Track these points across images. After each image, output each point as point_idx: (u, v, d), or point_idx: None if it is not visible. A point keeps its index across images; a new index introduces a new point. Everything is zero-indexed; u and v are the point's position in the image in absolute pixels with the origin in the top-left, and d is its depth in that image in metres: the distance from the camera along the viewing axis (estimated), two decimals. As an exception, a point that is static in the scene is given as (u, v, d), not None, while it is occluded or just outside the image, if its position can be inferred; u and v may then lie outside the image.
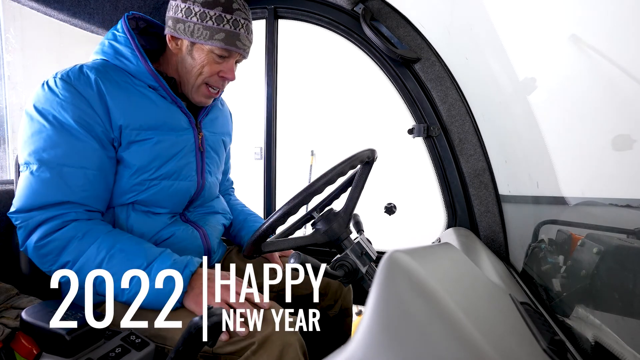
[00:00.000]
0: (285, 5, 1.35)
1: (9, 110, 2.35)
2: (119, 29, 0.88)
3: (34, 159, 0.75)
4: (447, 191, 1.20)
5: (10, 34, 2.33)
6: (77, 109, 0.77)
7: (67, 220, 0.75)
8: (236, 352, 0.68)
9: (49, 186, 0.75)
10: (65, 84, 0.78)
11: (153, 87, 0.88)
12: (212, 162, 1.02)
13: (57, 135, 0.76)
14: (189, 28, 0.87)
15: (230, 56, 0.90)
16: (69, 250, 0.73)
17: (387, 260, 0.32)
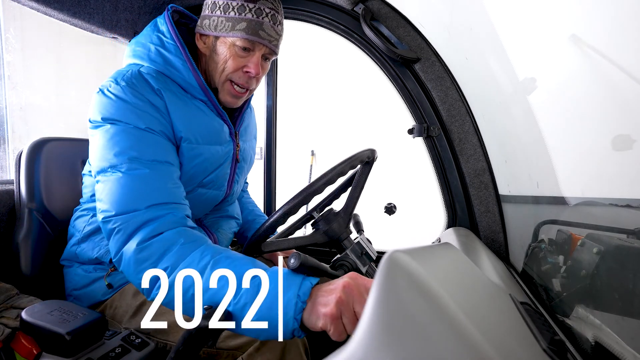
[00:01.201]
0: (285, 5, 1.35)
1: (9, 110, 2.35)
2: (165, 34, 0.82)
3: (123, 159, 0.70)
4: (447, 191, 1.20)
5: (10, 34, 2.33)
6: (149, 116, 0.74)
7: (169, 223, 0.68)
8: (239, 348, 0.68)
9: (145, 184, 0.69)
10: (133, 90, 0.74)
11: (202, 100, 0.85)
12: (241, 172, 1.02)
13: (139, 135, 0.72)
14: (214, 22, 0.83)
15: (254, 49, 0.83)
16: (169, 255, 0.65)
17: (387, 260, 0.32)
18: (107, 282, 0.84)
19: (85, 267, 0.87)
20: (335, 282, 0.57)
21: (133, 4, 1.19)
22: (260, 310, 0.57)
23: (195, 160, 0.83)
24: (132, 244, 0.66)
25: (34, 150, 0.99)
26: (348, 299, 0.54)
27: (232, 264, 0.62)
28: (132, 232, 0.67)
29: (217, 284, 0.60)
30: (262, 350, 0.67)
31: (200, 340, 0.53)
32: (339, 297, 0.54)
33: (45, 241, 0.97)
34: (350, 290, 0.55)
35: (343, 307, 0.54)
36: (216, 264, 0.62)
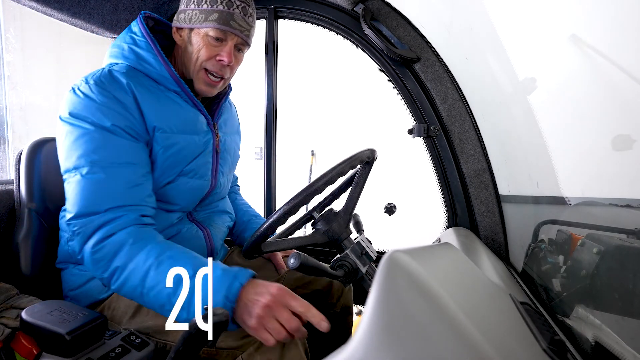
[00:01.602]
0: (285, 5, 1.35)
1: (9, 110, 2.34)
2: (137, 33, 0.88)
3: (84, 161, 0.75)
4: (447, 191, 1.20)
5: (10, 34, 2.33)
6: (115, 113, 0.77)
7: (122, 225, 0.74)
8: (238, 347, 0.68)
9: (103, 188, 0.74)
10: (101, 88, 0.78)
11: (175, 91, 0.89)
12: (225, 163, 1.03)
13: (102, 138, 0.76)
14: (188, 16, 0.88)
15: (226, 39, 0.88)
16: (119, 256, 0.71)
17: (387, 260, 0.32)
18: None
19: (81, 267, 0.87)
20: (259, 294, 0.65)
21: (133, 4, 1.19)
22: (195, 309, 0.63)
23: (172, 149, 0.86)
24: (89, 245, 0.73)
25: (34, 150, 0.99)
26: (268, 315, 0.62)
27: (175, 261, 0.69)
28: (89, 235, 0.73)
29: (158, 286, 0.68)
30: (262, 350, 0.67)
31: (200, 340, 0.53)
32: (258, 314, 0.62)
33: (45, 241, 0.97)
34: (271, 308, 0.63)
35: (263, 321, 0.62)
36: (158, 266, 0.69)
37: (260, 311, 0.62)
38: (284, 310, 0.63)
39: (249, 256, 0.84)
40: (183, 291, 0.65)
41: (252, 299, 0.64)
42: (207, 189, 0.97)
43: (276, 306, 0.63)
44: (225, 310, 0.54)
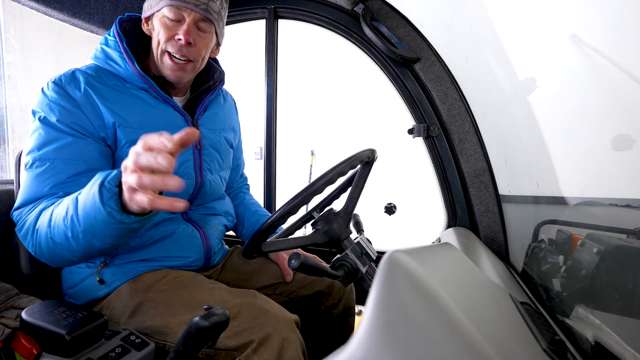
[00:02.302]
0: (285, 5, 1.35)
1: (9, 110, 2.34)
2: (110, 33, 0.89)
3: (31, 157, 0.78)
4: (447, 191, 1.20)
5: (10, 34, 2.33)
6: (62, 110, 0.79)
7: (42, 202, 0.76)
8: (236, 348, 0.68)
9: (41, 180, 0.77)
10: (56, 86, 0.81)
11: (144, 89, 0.89)
12: (211, 160, 1.00)
13: (47, 134, 0.79)
14: (150, 4, 0.88)
15: (183, 17, 0.85)
16: (39, 217, 0.73)
17: (387, 260, 0.32)
18: (98, 278, 0.84)
19: (78, 265, 0.87)
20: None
21: (133, 4, 1.19)
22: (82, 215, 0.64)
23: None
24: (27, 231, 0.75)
25: (34, 150, 0.99)
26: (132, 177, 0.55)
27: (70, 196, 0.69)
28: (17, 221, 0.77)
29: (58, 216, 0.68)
30: (260, 351, 0.67)
31: (200, 340, 0.53)
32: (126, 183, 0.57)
33: (45, 241, 0.97)
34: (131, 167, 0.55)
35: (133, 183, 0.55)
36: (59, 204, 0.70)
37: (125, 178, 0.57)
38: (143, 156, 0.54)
39: (248, 256, 0.84)
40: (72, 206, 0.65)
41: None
42: (192, 188, 0.95)
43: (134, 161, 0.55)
44: (226, 310, 0.54)
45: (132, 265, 0.86)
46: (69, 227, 0.66)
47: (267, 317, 0.71)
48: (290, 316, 0.75)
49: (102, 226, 0.62)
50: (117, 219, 0.61)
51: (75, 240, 0.67)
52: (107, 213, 0.60)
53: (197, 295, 0.78)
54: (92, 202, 0.61)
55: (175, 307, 0.76)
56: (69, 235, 0.66)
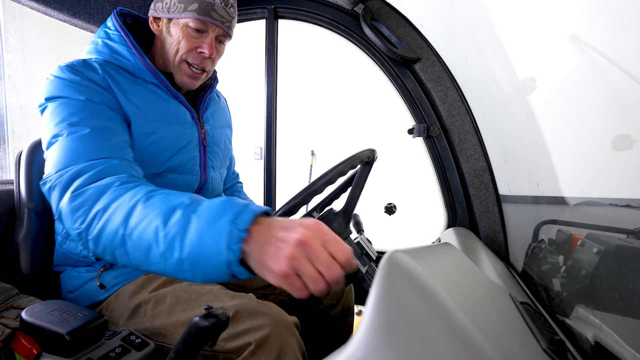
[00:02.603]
0: (285, 5, 1.35)
1: (9, 110, 2.34)
2: (110, 27, 0.87)
3: (64, 126, 0.70)
4: (447, 191, 1.20)
5: (10, 34, 2.33)
6: (88, 89, 0.76)
7: (108, 171, 0.65)
8: (234, 351, 0.68)
9: (86, 142, 0.69)
10: (73, 69, 0.77)
11: (154, 83, 0.88)
12: (214, 157, 1.01)
13: (79, 105, 0.74)
14: (166, 5, 0.86)
15: (207, 30, 0.85)
16: (103, 198, 0.61)
17: (387, 260, 0.32)
18: (99, 283, 0.84)
19: (78, 269, 0.86)
20: (288, 230, 0.48)
21: (133, 4, 1.19)
22: (192, 241, 0.50)
23: (152, 137, 0.84)
24: (68, 194, 0.63)
25: (34, 150, 0.99)
26: (302, 256, 0.46)
27: (166, 198, 0.56)
28: (69, 183, 0.64)
29: (146, 220, 0.54)
30: (258, 354, 0.66)
31: (200, 340, 0.53)
32: (290, 254, 0.45)
33: (45, 241, 0.97)
34: (306, 246, 0.46)
35: (297, 264, 0.46)
36: (148, 199, 0.57)
37: (292, 250, 0.46)
38: (323, 251, 0.46)
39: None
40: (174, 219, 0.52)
41: (276, 235, 0.48)
42: (196, 185, 0.96)
43: (313, 244, 0.46)
44: (226, 310, 0.54)
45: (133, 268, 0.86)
46: (164, 246, 0.52)
47: (265, 320, 0.70)
48: (289, 318, 0.74)
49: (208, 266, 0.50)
50: (233, 271, 0.49)
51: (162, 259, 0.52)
52: (226, 262, 0.48)
53: (195, 296, 0.78)
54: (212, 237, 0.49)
55: (173, 309, 0.76)
56: (158, 252, 0.53)
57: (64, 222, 0.64)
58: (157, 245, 0.53)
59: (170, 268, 0.53)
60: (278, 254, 0.46)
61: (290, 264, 0.46)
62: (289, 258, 0.46)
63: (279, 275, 0.46)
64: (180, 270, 0.52)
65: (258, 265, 0.48)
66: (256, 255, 0.48)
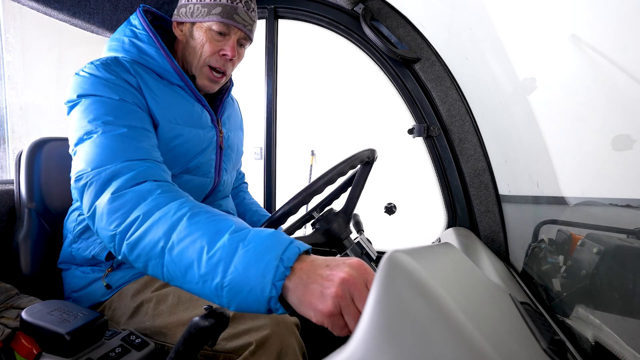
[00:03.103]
0: (285, 5, 1.35)
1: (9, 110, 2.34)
2: (137, 26, 0.87)
3: (98, 123, 0.70)
4: (447, 191, 1.20)
5: (10, 34, 2.33)
6: (122, 89, 0.76)
7: (148, 175, 0.65)
8: (234, 351, 0.68)
9: (123, 141, 0.68)
10: (107, 67, 0.77)
11: (179, 85, 0.89)
12: (228, 160, 1.03)
13: (113, 104, 0.73)
14: (190, 10, 0.87)
15: (229, 32, 0.87)
16: (145, 203, 0.60)
17: (387, 260, 0.32)
18: (106, 283, 0.84)
19: (83, 269, 0.86)
20: (333, 268, 0.48)
21: (133, 4, 1.19)
22: (236, 270, 0.50)
23: (176, 141, 0.85)
24: (107, 194, 0.62)
25: (34, 150, 0.99)
26: (347, 295, 0.46)
27: (212, 219, 0.56)
28: (107, 182, 0.64)
29: (190, 237, 0.54)
30: (258, 354, 0.67)
31: (200, 340, 0.53)
32: (335, 293, 0.46)
33: (45, 241, 0.97)
34: (350, 285, 0.46)
35: (342, 303, 0.46)
36: (194, 217, 0.56)
37: (337, 289, 0.46)
38: (365, 291, 0.46)
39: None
40: (220, 243, 0.52)
41: (321, 274, 0.48)
42: (210, 187, 0.96)
43: (357, 283, 0.46)
44: (226, 310, 0.54)
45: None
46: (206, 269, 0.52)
47: (266, 320, 0.71)
48: (290, 319, 0.75)
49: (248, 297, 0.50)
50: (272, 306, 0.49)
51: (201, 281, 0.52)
52: (268, 297, 0.48)
53: (197, 296, 0.78)
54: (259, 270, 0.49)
55: (174, 308, 0.76)
56: (198, 273, 0.52)
57: (97, 222, 0.63)
58: (199, 266, 0.52)
59: (207, 291, 0.52)
60: (324, 292, 0.46)
61: (336, 303, 0.46)
62: (334, 297, 0.46)
63: (324, 314, 0.46)
64: (217, 295, 0.52)
65: (300, 303, 0.48)
66: (299, 293, 0.48)
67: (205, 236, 0.54)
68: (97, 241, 0.85)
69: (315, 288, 0.47)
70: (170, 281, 0.57)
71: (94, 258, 0.84)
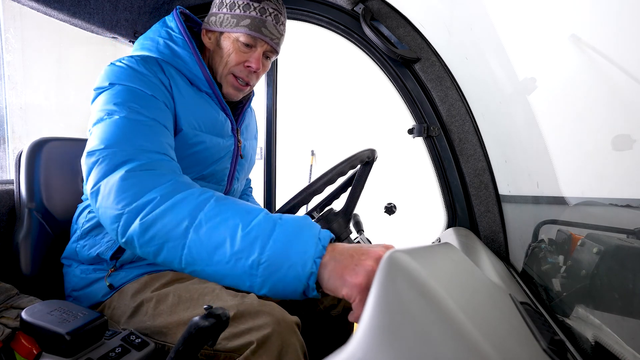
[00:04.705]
0: (285, 5, 1.35)
1: (9, 110, 2.35)
2: (174, 29, 0.88)
3: (123, 107, 0.69)
4: (447, 191, 1.20)
5: (10, 34, 2.33)
6: (156, 87, 0.77)
7: (163, 164, 0.64)
8: (235, 350, 0.68)
9: (143, 129, 0.67)
10: (145, 63, 0.78)
11: (207, 92, 0.90)
12: (241, 169, 1.04)
13: (144, 96, 0.74)
14: (219, 19, 0.88)
15: (256, 45, 0.88)
16: (162, 187, 0.58)
17: (387, 260, 0.33)
18: (109, 283, 0.84)
19: (84, 268, 0.86)
20: (365, 250, 0.48)
21: (133, 4, 1.19)
22: (275, 245, 0.49)
23: (197, 147, 0.86)
24: (119, 173, 0.60)
25: (34, 150, 0.99)
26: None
27: (240, 203, 0.56)
28: (120, 163, 0.61)
29: (221, 216, 0.52)
30: (259, 353, 0.67)
31: (200, 340, 0.53)
32: (372, 267, 0.45)
33: (45, 241, 0.97)
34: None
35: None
36: (221, 200, 0.55)
37: (374, 264, 0.46)
38: None
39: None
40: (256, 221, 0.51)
41: (353, 253, 0.48)
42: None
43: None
44: (226, 310, 0.54)
45: (142, 268, 0.86)
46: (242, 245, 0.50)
47: (267, 319, 0.71)
48: (291, 318, 0.75)
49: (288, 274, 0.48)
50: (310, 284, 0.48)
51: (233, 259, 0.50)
52: (308, 274, 0.47)
53: (197, 295, 0.78)
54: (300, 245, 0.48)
55: (175, 308, 0.76)
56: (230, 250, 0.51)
57: (102, 200, 0.60)
58: (233, 243, 0.51)
59: (239, 270, 0.51)
60: (357, 265, 0.46)
61: (370, 277, 0.45)
62: (369, 270, 0.45)
63: (355, 284, 0.45)
64: (250, 274, 0.50)
65: (330, 277, 0.47)
66: (331, 268, 0.47)
67: (239, 215, 0.52)
68: (104, 240, 0.86)
69: (348, 262, 0.47)
70: (190, 265, 0.54)
71: (98, 256, 0.84)
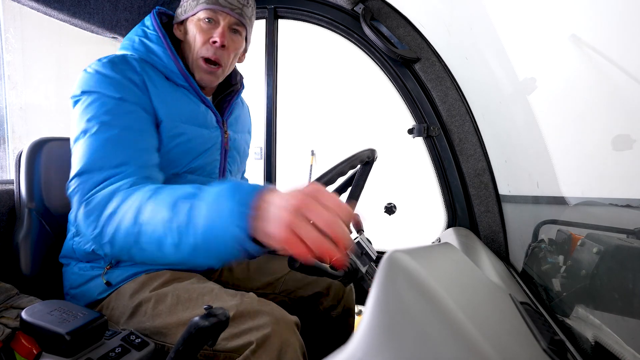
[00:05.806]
0: (285, 5, 1.35)
1: (8, 110, 2.34)
2: (149, 27, 0.89)
3: (94, 123, 0.73)
4: (447, 191, 1.20)
5: (10, 34, 2.33)
6: (125, 88, 0.78)
7: (122, 178, 0.69)
8: (235, 350, 0.68)
9: (112, 145, 0.72)
10: (113, 65, 0.79)
11: (184, 86, 0.90)
12: (233, 162, 1.04)
13: (114, 105, 0.76)
14: (184, 8, 0.90)
15: (217, 19, 0.88)
16: (112, 201, 0.64)
17: (387, 260, 0.33)
18: (105, 280, 0.84)
19: (82, 266, 0.86)
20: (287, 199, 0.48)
21: (133, 4, 1.19)
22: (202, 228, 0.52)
23: (178, 139, 0.86)
24: (83, 201, 0.68)
25: (34, 150, 0.99)
26: (298, 219, 0.46)
27: (172, 191, 0.58)
28: (87, 191, 0.68)
29: (154, 213, 0.57)
30: (259, 353, 0.67)
31: (200, 340, 0.53)
32: (288, 219, 0.46)
33: (45, 241, 0.97)
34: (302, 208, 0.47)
35: (297, 228, 0.46)
36: (156, 196, 0.59)
37: (289, 215, 0.46)
38: (321, 210, 0.47)
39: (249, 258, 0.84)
40: (181, 209, 0.54)
41: (276, 204, 0.48)
42: None
43: (311, 206, 0.47)
44: (226, 310, 0.54)
45: (138, 267, 0.86)
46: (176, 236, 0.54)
47: (266, 319, 0.71)
48: (290, 318, 0.75)
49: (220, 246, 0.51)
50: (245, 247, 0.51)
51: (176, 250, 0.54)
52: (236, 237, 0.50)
53: (196, 296, 0.78)
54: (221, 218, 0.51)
55: (174, 308, 0.76)
56: (171, 243, 0.54)
57: (81, 228, 0.68)
58: (170, 236, 0.55)
59: (186, 256, 0.55)
60: (276, 220, 0.47)
61: (289, 229, 0.46)
62: (286, 223, 0.46)
63: (280, 240, 0.47)
64: (195, 257, 0.54)
65: (263, 236, 0.49)
66: (260, 227, 0.49)
67: (167, 208, 0.56)
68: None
69: (271, 218, 0.48)
70: (155, 261, 0.61)
71: (93, 252, 0.84)
